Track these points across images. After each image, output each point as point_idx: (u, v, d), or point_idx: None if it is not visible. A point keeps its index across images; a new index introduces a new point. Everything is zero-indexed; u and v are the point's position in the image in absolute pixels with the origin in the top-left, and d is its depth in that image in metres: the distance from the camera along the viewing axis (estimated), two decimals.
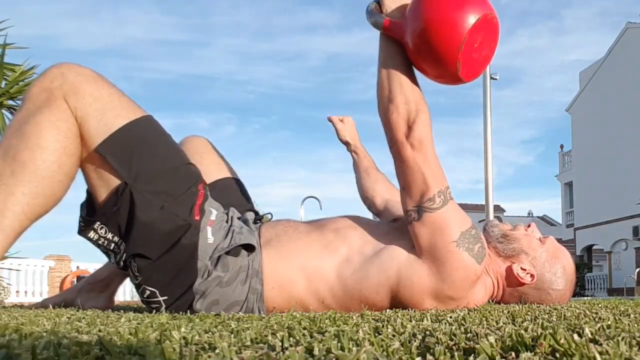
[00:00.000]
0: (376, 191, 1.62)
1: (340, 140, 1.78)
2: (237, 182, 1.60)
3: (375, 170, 1.72)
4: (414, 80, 1.23)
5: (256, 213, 1.46)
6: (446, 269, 1.17)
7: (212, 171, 1.54)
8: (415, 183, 1.19)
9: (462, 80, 1.21)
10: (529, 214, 33.15)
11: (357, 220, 1.36)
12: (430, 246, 1.18)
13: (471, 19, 1.13)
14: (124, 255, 1.16)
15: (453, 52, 1.15)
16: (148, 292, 1.18)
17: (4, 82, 3.53)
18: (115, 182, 1.14)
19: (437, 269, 1.18)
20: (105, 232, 1.17)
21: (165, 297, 1.18)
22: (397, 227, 1.30)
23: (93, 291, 1.57)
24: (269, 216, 1.46)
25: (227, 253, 1.19)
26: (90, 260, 10.23)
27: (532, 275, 1.33)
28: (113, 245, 1.18)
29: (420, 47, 1.18)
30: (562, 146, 22.93)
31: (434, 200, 1.18)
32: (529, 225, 1.42)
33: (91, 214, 1.18)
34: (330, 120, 1.81)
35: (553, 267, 1.35)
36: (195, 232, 1.17)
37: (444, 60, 1.17)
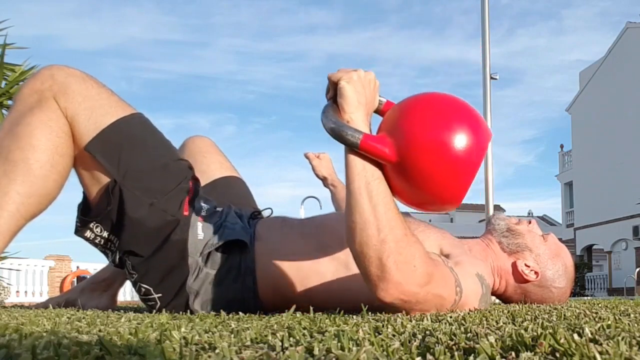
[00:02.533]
0: None
1: (317, 176, 1.87)
2: (240, 180, 1.60)
3: None
4: (397, 207, 0.99)
5: (257, 210, 1.45)
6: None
7: (214, 170, 1.54)
8: (434, 307, 1.01)
9: (453, 208, 1.03)
10: (529, 213, 33.15)
11: None
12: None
13: (484, 149, 0.97)
14: (118, 252, 1.17)
15: (464, 187, 0.97)
16: (144, 290, 1.18)
17: (4, 82, 3.53)
18: (106, 180, 1.14)
19: None
20: (101, 231, 1.17)
21: (160, 295, 1.18)
22: None
23: (95, 291, 1.57)
24: (269, 212, 1.45)
25: (218, 250, 1.19)
26: (91, 260, 10.24)
27: (536, 273, 1.33)
28: (109, 243, 1.18)
29: (419, 176, 0.95)
30: (562, 146, 22.95)
31: (456, 302, 1.05)
32: (529, 222, 1.42)
33: (86, 213, 1.18)
34: (306, 157, 1.89)
35: (555, 265, 1.36)
36: (184, 228, 1.17)
37: (448, 193, 0.97)
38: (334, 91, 1.00)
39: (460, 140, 0.95)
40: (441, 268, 1.03)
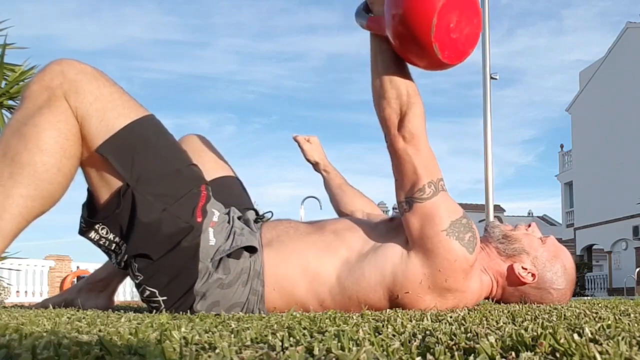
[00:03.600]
0: (356, 206, 1.61)
1: (308, 160, 1.77)
2: (236, 180, 1.59)
3: (349, 186, 1.72)
4: (404, 74, 1.23)
5: (256, 212, 1.45)
6: (437, 259, 1.17)
7: (210, 169, 1.52)
8: (406, 175, 1.20)
9: (447, 64, 1.18)
10: (529, 213, 33.14)
11: (357, 221, 1.36)
12: (421, 236, 1.17)
13: (437, 2, 1.10)
14: (125, 255, 1.16)
15: (425, 39, 1.12)
16: (148, 292, 1.18)
17: (4, 82, 3.52)
18: (117, 183, 1.13)
19: (428, 260, 1.17)
20: (107, 233, 1.16)
21: (165, 298, 1.18)
22: (394, 226, 1.30)
23: (93, 291, 1.57)
24: (269, 215, 1.45)
25: (229, 255, 1.19)
26: (91, 260, 10.24)
27: (533, 275, 1.33)
28: (114, 245, 1.17)
29: (398, 39, 1.17)
30: (562, 146, 22.93)
31: (423, 190, 1.18)
32: (529, 225, 1.42)
33: (92, 214, 1.17)
34: (295, 140, 1.79)
35: (554, 267, 1.36)
36: (197, 234, 1.16)
37: (421, 49, 1.15)
38: None
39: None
40: (432, 156, 1.22)
